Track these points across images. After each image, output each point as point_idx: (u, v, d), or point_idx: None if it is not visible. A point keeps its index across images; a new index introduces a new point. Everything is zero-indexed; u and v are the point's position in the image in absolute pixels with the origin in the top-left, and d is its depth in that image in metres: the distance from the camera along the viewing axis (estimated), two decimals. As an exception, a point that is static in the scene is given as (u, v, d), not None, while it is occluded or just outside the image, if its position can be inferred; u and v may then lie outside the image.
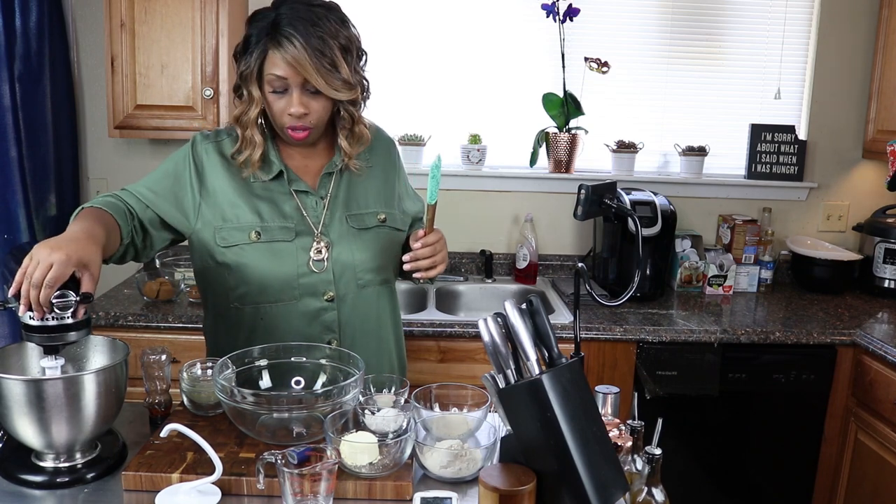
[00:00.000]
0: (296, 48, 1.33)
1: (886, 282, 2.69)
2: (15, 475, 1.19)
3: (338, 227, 1.49)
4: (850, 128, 2.86)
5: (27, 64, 2.42)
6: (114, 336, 1.34)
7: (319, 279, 1.47)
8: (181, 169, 1.49)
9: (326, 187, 1.51)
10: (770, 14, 2.82)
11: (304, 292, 1.47)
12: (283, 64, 1.35)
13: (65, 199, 2.65)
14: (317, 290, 1.47)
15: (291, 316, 1.48)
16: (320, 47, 1.35)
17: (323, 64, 1.35)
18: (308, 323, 1.49)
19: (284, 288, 1.46)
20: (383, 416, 1.28)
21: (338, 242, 1.48)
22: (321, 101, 1.41)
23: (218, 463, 1.13)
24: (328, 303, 1.48)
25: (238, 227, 1.45)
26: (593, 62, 2.72)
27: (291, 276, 1.45)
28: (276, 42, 1.35)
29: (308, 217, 1.48)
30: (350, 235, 1.50)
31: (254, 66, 1.39)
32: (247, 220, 1.46)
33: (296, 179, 1.50)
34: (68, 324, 1.15)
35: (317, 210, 1.49)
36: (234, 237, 1.45)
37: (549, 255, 2.87)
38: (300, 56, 1.34)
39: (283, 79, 1.37)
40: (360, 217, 1.52)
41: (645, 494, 1.10)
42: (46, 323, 1.14)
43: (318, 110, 1.42)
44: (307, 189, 1.50)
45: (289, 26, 1.34)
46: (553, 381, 1.06)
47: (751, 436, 2.38)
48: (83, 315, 1.17)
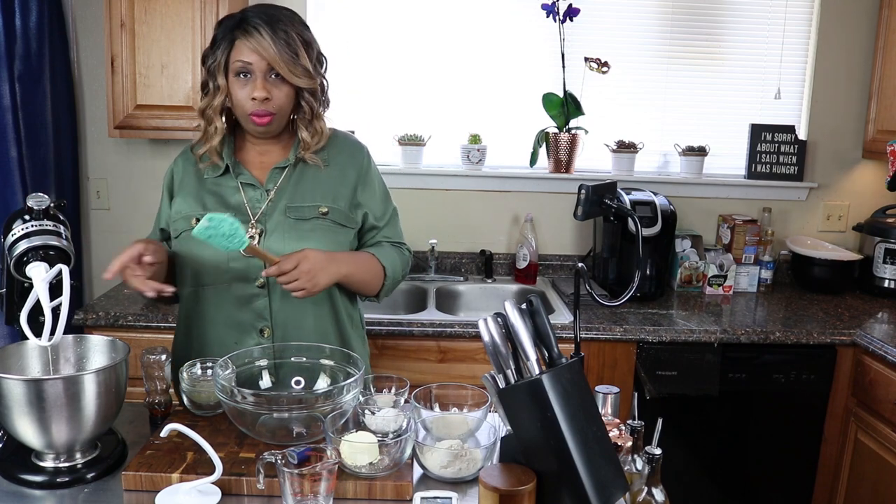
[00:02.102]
0: (262, 35, 1.44)
1: (886, 282, 2.69)
2: (15, 475, 1.19)
3: (276, 217, 1.54)
4: (850, 128, 2.86)
5: (27, 64, 2.42)
6: (114, 336, 1.35)
7: (249, 263, 1.51)
8: (164, 191, 1.64)
9: (275, 181, 1.57)
10: (770, 14, 2.82)
11: (234, 276, 1.52)
12: (247, 51, 1.45)
13: (65, 199, 2.64)
14: (248, 276, 1.52)
15: (223, 301, 1.54)
16: (284, 38, 1.45)
17: (285, 50, 1.45)
18: (239, 308, 1.53)
19: (216, 271, 1.52)
20: (383, 416, 1.28)
21: (272, 231, 1.52)
22: (283, 88, 1.49)
23: (218, 463, 1.13)
24: (259, 289, 1.52)
25: (184, 217, 1.55)
26: (593, 62, 2.72)
27: (222, 259, 1.51)
28: (243, 31, 1.45)
29: (249, 207, 1.54)
30: (286, 226, 1.53)
31: (220, 57, 1.48)
32: (191, 210, 1.55)
33: (243, 173, 1.57)
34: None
35: (260, 202, 1.55)
36: (180, 226, 1.55)
37: (549, 255, 2.87)
38: (265, 43, 1.44)
39: (248, 63, 1.46)
40: (301, 209, 1.55)
41: (645, 494, 1.10)
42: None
43: (280, 97, 1.49)
44: (253, 182, 1.56)
45: (255, 18, 1.46)
46: (553, 381, 1.06)
47: (751, 436, 2.38)
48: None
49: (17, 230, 1.23)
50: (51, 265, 1.21)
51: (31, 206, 1.26)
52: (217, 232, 1.31)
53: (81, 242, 2.77)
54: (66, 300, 1.20)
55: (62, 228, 1.27)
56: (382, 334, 2.22)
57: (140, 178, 2.77)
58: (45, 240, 1.23)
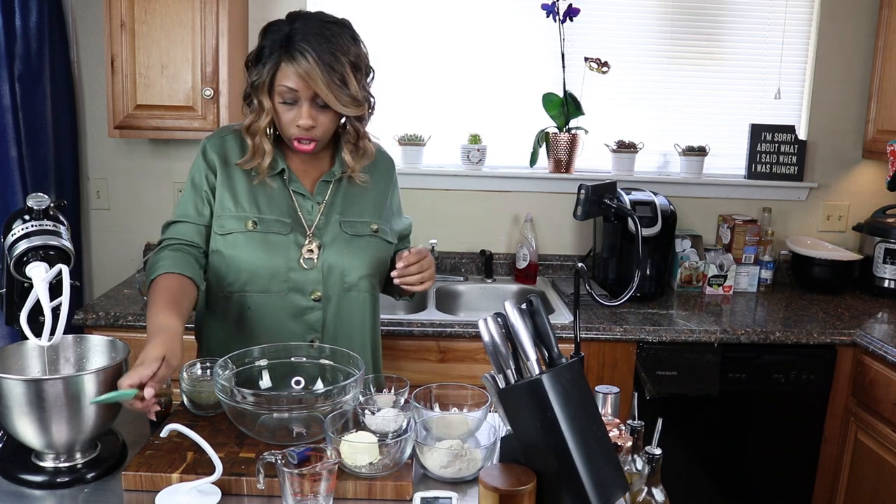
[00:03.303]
0: (308, 62, 1.37)
1: (886, 282, 2.69)
2: (15, 475, 1.19)
3: (332, 230, 1.52)
4: (850, 128, 2.86)
5: (27, 64, 2.42)
6: (114, 336, 1.34)
7: (308, 277, 1.50)
8: (199, 180, 1.53)
9: (323, 193, 1.55)
10: (770, 14, 2.82)
11: (291, 287, 1.50)
12: (294, 77, 1.39)
13: (65, 199, 2.64)
14: (304, 288, 1.50)
15: (278, 309, 1.51)
16: (331, 63, 1.38)
17: (333, 80, 1.39)
18: (293, 319, 1.51)
19: (273, 280, 1.49)
20: (383, 416, 1.28)
21: (329, 245, 1.51)
22: (329, 115, 1.45)
23: (218, 463, 1.13)
24: (314, 302, 1.51)
25: (236, 217, 1.49)
26: (593, 62, 2.72)
27: (281, 268, 1.48)
28: (290, 55, 1.39)
29: (303, 218, 1.52)
30: (342, 240, 1.52)
31: (266, 77, 1.43)
32: (245, 210, 1.50)
33: (295, 181, 1.54)
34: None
35: (312, 213, 1.53)
36: (230, 225, 1.49)
37: (549, 255, 2.87)
38: (312, 71, 1.38)
39: (294, 91, 1.41)
40: (355, 224, 1.55)
41: (645, 494, 1.10)
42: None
43: (326, 123, 1.46)
44: (305, 192, 1.54)
45: (302, 41, 1.38)
46: (553, 381, 1.06)
47: (751, 436, 2.38)
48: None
49: (17, 230, 1.23)
50: (51, 265, 1.21)
51: (31, 206, 1.26)
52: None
53: (81, 242, 2.77)
54: (66, 300, 1.20)
55: (62, 228, 1.27)
56: (382, 334, 2.21)
57: (140, 178, 2.77)
58: (45, 240, 1.23)
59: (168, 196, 2.77)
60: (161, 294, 1.37)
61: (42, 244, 1.22)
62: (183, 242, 1.50)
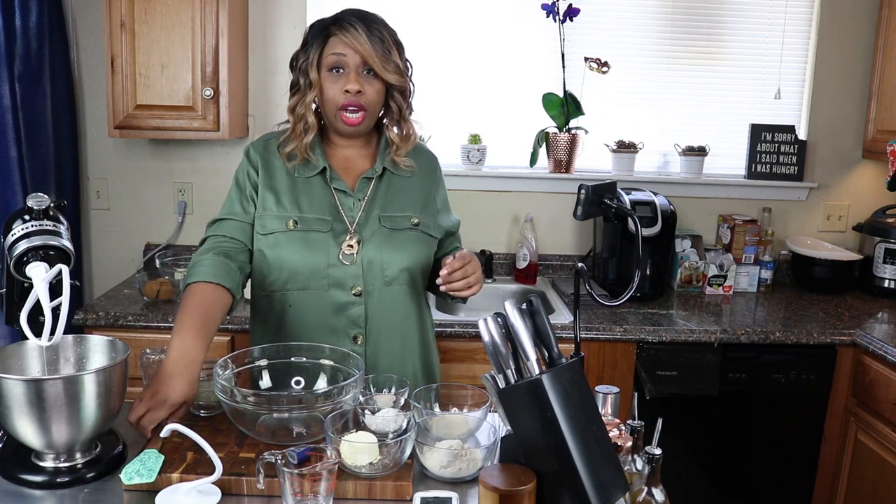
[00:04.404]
0: (357, 31, 1.48)
1: (886, 282, 2.69)
2: (15, 475, 1.19)
3: (371, 226, 1.55)
4: (850, 128, 2.86)
5: (27, 64, 2.42)
6: (114, 336, 1.34)
7: (348, 272, 1.52)
8: (242, 179, 1.59)
9: (364, 190, 1.58)
10: (770, 14, 2.82)
11: (332, 283, 1.52)
12: (342, 44, 1.49)
13: (65, 199, 2.64)
14: (345, 283, 1.52)
15: (319, 306, 1.53)
16: (378, 35, 1.50)
17: (379, 47, 1.49)
18: (334, 315, 1.53)
19: (314, 276, 1.52)
20: (383, 416, 1.28)
21: (369, 240, 1.54)
22: (375, 84, 1.52)
23: (218, 463, 1.13)
24: (356, 297, 1.53)
25: (277, 216, 1.53)
26: (593, 62, 2.72)
27: (321, 265, 1.51)
28: (339, 26, 1.50)
29: (344, 215, 1.55)
30: (382, 234, 1.55)
31: (313, 54, 1.51)
32: (286, 209, 1.54)
33: (336, 178, 1.57)
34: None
35: (353, 210, 1.55)
36: (272, 225, 1.53)
37: (549, 255, 2.87)
38: (361, 38, 1.47)
39: (343, 56, 1.49)
40: (394, 219, 1.57)
41: (645, 494, 1.10)
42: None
43: (372, 93, 1.51)
44: (346, 189, 1.57)
45: (350, 16, 1.51)
46: (553, 381, 1.06)
47: (751, 436, 2.38)
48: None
49: (17, 230, 1.23)
50: (51, 265, 1.21)
51: (31, 206, 1.26)
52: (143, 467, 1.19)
53: (81, 242, 2.77)
54: (66, 300, 1.20)
55: (62, 228, 1.27)
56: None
57: (140, 178, 2.77)
58: (45, 240, 1.23)
59: (168, 196, 2.77)
60: (194, 310, 1.39)
61: (42, 244, 1.22)
62: (228, 239, 1.53)
